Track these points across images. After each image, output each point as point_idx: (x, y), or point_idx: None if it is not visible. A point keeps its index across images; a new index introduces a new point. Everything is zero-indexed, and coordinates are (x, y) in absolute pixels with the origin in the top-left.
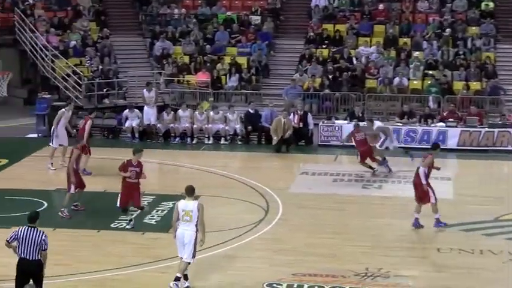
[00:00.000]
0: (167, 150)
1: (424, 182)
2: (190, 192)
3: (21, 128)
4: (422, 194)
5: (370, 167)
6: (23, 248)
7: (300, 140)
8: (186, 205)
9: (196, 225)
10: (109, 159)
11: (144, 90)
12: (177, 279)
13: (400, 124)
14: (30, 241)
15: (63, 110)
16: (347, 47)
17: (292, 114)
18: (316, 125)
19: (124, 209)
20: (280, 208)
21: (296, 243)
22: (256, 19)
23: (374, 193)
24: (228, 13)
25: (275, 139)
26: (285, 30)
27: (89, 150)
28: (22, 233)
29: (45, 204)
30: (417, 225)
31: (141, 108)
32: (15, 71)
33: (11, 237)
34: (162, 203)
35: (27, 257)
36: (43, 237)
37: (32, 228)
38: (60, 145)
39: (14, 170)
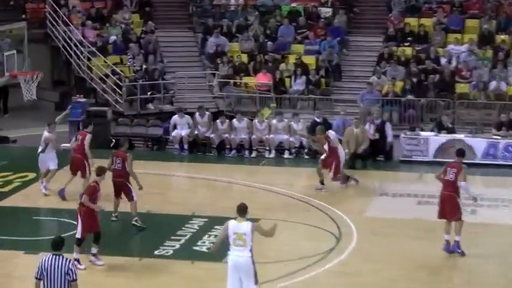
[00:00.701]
0: (221, 164)
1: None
2: (242, 211)
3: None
4: (455, 208)
5: None
6: (48, 281)
7: (377, 155)
8: (238, 227)
9: (251, 250)
10: (153, 175)
11: (197, 114)
12: None
13: (498, 137)
14: (55, 272)
15: (47, 133)
16: (434, 45)
17: (367, 123)
18: (396, 136)
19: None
20: (354, 235)
21: (373, 278)
22: (326, 11)
23: (466, 219)
24: (294, 4)
25: (346, 152)
26: (360, 24)
27: (88, 170)
28: (46, 263)
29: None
30: (458, 250)
31: (192, 114)
32: (45, 71)
33: (38, 271)
34: (215, 227)
35: None
36: (70, 266)
37: (58, 256)
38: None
39: (42, 185)
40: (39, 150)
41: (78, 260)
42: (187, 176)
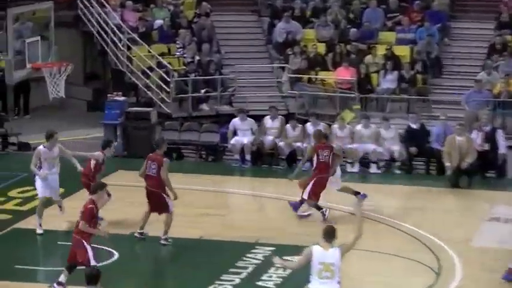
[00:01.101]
0: (294, 180)
1: None
2: (330, 235)
3: (82, 143)
4: None
5: None
6: None
7: (486, 170)
8: (325, 255)
9: (339, 283)
10: (207, 192)
11: (267, 117)
12: None
13: None
14: None
15: (41, 147)
16: None
17: (474, 131)
18: (510, 147)
19: None
20: (457, 270)
21: None
22: None
23: None
24: None
25: (448, 165)
26: (467, 8)
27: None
28: None
29: (116, 255)
30: None
31: (255, 118)
32: (76, 62)
33: None
34: (284, 258)
35: None
36: None
37: None
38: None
39: (71, 203)
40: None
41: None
42: (250, 193)
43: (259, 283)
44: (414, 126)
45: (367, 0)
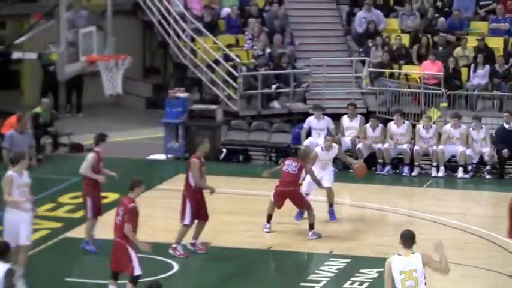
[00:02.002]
0: (371, 185)
1: None
2: (409, 241)
3: (140, 144)
4: None
5: None
6: None
7: None
8: (406, 263)
9: None
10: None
11: (345, 116)
12: None
13: None
14: None
15: (10, 172)
16: None
17: None
18: None
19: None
20: None
21: None
22: None
23: None
24: None
25: None
26: None
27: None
28: None
29: (176, 267)
30: None
31: (333, 116)
32: (134, 55)
33: None
34: (361, 271)
35: None
36: None
37: None
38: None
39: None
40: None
41: None
42: (324, 200)
43: None
44: (507, 126)
45: None
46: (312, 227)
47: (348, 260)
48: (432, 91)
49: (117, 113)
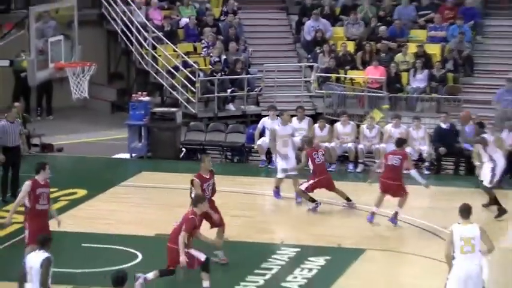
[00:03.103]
0: None
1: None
2: (466, 212)
3: (106, 144)
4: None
5: None
6: None
7: None
8: (464, 231)
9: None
10: (233, 194)
11: (295, 118)
12: None
13: None
14: None
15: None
16: None
17: (506, 131)
18: None
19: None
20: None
21: None
22: None
23: None
24: None
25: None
26: (500, 5)
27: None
28: None
29: (140, 257)
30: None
31: None
32: (100, 62)
33: None
34: (309, 259)
35: None
36: None
37: None
38: None
39: (94, 205)
40: None
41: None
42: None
43: (284, 284)
44: (444, 126)
45: None
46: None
47: (298, 249)
48: (375, 94)
49: (85, 115)
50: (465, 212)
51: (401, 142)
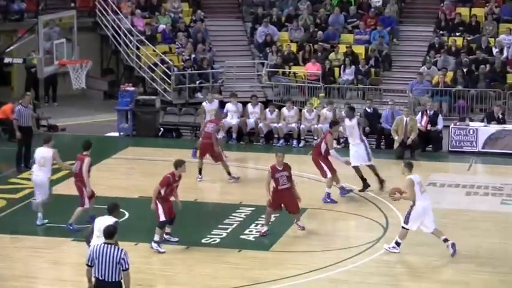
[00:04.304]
0: (270, 154)
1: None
2: (412, 166)
3: (100, 125)
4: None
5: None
6: (99, 268)
7: (426, 145)
8: (417, 178)
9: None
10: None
11: (249, 104)
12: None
13: None
14: (107, 260)
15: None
16: (485, 35)
17: (419, 114)
18: (446, 127)
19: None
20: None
21: (420, 267)
22: (377, 1)
23: None
24: None
25: (397, 138)
26: (412, 14)
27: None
28: (98, 251)
29: (127, 215)
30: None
31: (242, 104)
32: (94, 60)
33: (89, 258)
34: (262, 216)
35: (105, 279)
36: (122, 256)
37: (109, 246)
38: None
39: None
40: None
41: (158, 243)
42: (235, 165)
43: (242, 236)
44: (369, 110)
45: (331, 8)
46: None
47: (253, 209)
48: (313, 85)
49: (83, 102)
50: (411, 165)
51: (333, 123)
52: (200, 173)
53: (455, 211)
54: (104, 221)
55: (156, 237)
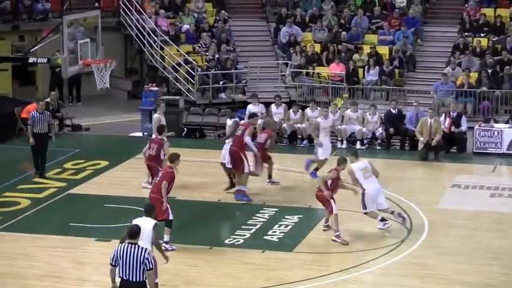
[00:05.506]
0: (293, 154)
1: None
2: (356, 153)
3: (124, 125)
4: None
5: None
6: (124, 268)
7: (451, 146)
8: (358, 165)
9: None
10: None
11: (273, 105)
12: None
13: None
14: (131, 260)
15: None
16: (510, 35)
17: (443, 115)
18: (470, 128)
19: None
20: (425, 227)
21: (444, 270)
22: (401, 1)
23: None
24: None
25: (422, 140)
26: (436, 15)
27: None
28: (122, 251)
29: None
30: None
31: (265, 104)
32: (119, 59)
33: (113, 258)
34: (286, 217)
35: (130, 279)
36: (146, 255)
37: (134, 246)
38: None
39: (114, 173)
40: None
41: (167, 242)
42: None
43: (266, 237)
44: (393, 111)
45: (355, 9)
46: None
47: (277, 210)
48: (337, 85)
49: (107, 102)
50: (356, 154)
51: (251, 115)
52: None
53: (479, 213)
54: (141, 222)
55: (167, 238)
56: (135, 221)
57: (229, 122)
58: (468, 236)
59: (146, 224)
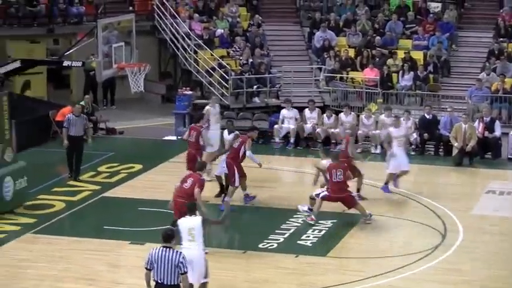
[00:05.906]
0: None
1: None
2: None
3: (157, 128)
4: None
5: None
6: (158, 272)
7: (486, 152)
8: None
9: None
10: (259, 169)
11: (307, 110)
12: None
13: None
14: (166, 263)
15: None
16: None
17: (477, 121)
18: (505, 134)
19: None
20: (460, 233)
21: (479, 276)
22: (435, 6)
23: None
24: None
25: (456, 145)
26: (471, 20)
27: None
28: (156, 255)
29: None
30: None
31: (298, 109)
32: (153, 63)
33: (148, 261)
34: (320, 222)
35: (164, 282)
36: (180, 259)
37: (168, 249)
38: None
39: (148, 177)
40: None
41: None
42: (293, 170)
43: (300, 242)
44: (427, 116)
45: (390, 14)
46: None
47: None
48: (371, 90)
49: (141, 105)
50: (327, 152)
51: (252, 128)
52: None
53: None
54: (187, 222)
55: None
56: (180, 222)
57: (227, 136)
58: (504, 242)
59: (194, 222)
